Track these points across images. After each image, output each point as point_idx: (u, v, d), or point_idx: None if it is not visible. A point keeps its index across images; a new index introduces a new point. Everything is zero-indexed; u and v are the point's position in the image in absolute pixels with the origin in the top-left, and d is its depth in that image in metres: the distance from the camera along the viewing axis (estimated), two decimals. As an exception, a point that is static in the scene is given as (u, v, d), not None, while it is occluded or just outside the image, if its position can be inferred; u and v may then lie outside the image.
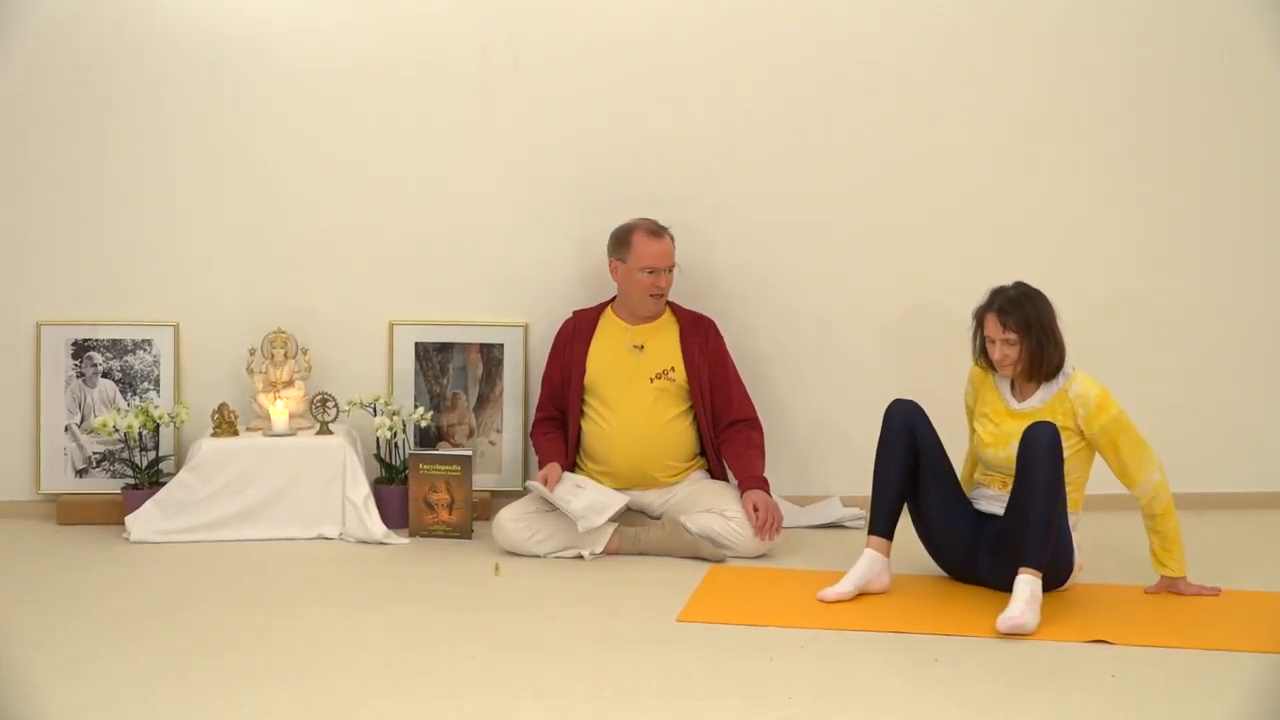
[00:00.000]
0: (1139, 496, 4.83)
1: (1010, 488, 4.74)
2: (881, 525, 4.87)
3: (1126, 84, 6.12)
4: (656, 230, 5.60)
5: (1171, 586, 4.83)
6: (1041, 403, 4.84)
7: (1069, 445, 4.73)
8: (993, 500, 4.91)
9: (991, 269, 5.86)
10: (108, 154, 5.93)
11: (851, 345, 6.14)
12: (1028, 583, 4.49)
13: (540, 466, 5.60)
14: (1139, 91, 6.13)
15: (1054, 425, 4.63)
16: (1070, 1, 6.09)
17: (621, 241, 5.62)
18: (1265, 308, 6.26)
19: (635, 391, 5.56)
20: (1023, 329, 4.78)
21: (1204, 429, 6.22)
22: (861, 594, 4.79)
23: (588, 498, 5.38)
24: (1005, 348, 4.82)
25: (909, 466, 4.87)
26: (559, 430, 5.68)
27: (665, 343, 5.65)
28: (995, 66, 6.07)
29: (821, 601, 4.74)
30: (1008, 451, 4.78)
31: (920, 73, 6.05)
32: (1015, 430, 4.76)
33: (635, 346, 5.63)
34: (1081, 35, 6.09)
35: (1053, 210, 6.13)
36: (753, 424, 5.70)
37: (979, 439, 4.98)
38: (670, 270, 5.62)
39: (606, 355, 5.64)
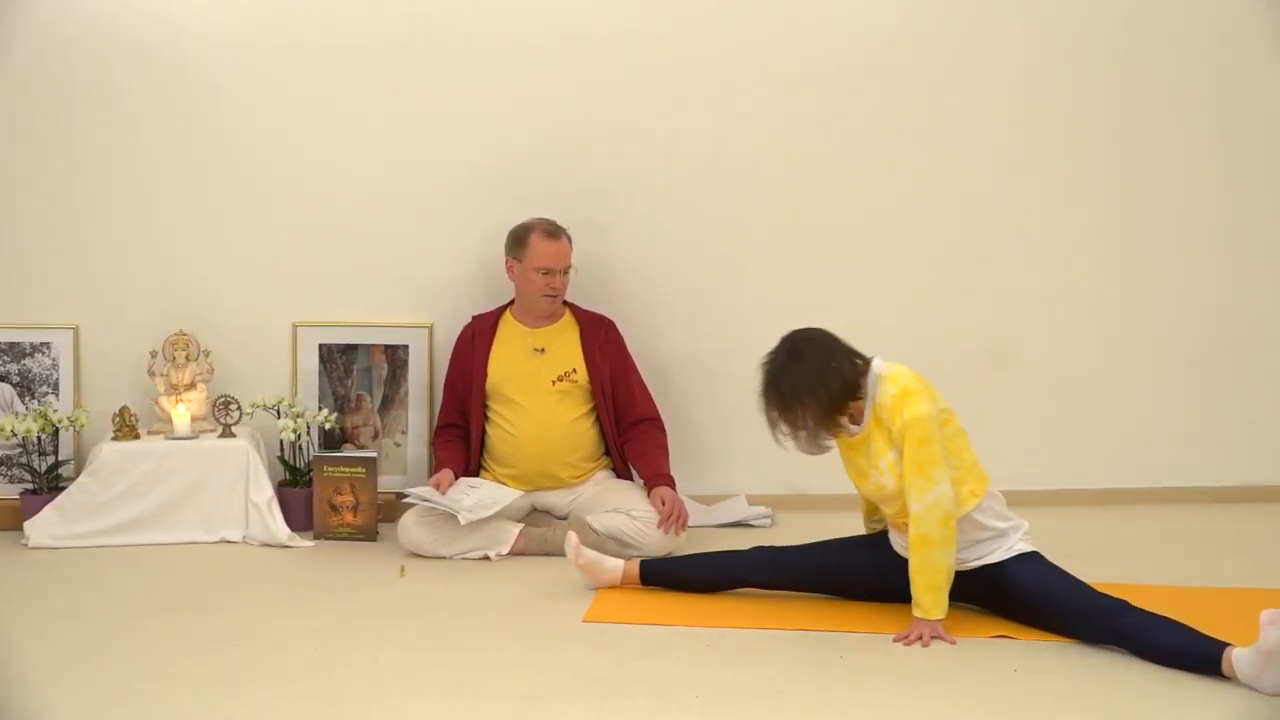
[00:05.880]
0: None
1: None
2: (649, 572, 4.90)
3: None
4: (553, 231, 5.61)
5: (916, 627, 4.36)
6: (868, 419, 4.43)
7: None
8: (906, 546, 4.50)
9: (898, 269, 6.07)
10: (2, 155, 5.85)
11: (756, 345, 6.15)
12: None
13: (433, 474, 5.61)
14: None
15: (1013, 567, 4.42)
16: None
17: (518, 241, 5.62)
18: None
19: (538, 394, 5.57)
20: (772, 419, 4.42)
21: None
22: (588, 567, 4.89)
23: (478, 495, 5.39)
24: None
25: (714, 578, 4.86)
26: (459, 439, 5.67)
27: (566, 345, 5.66)
28: (907, 68, 6.13)
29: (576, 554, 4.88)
30: (870, 484, 4.47)
31: (830, 72, 6.08)
32: (864, 463, 4.45)
33: (536, 349, 5.64)
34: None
35: (969, 212, 6.20)
36: (655, 423, 5.72)
37: (852, 480, 4.61)
38: (566, 272, 5.62)
39: (507, 359, 5.64)
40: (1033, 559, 4.45)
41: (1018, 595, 4.41)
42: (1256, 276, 6.29)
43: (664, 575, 4.90)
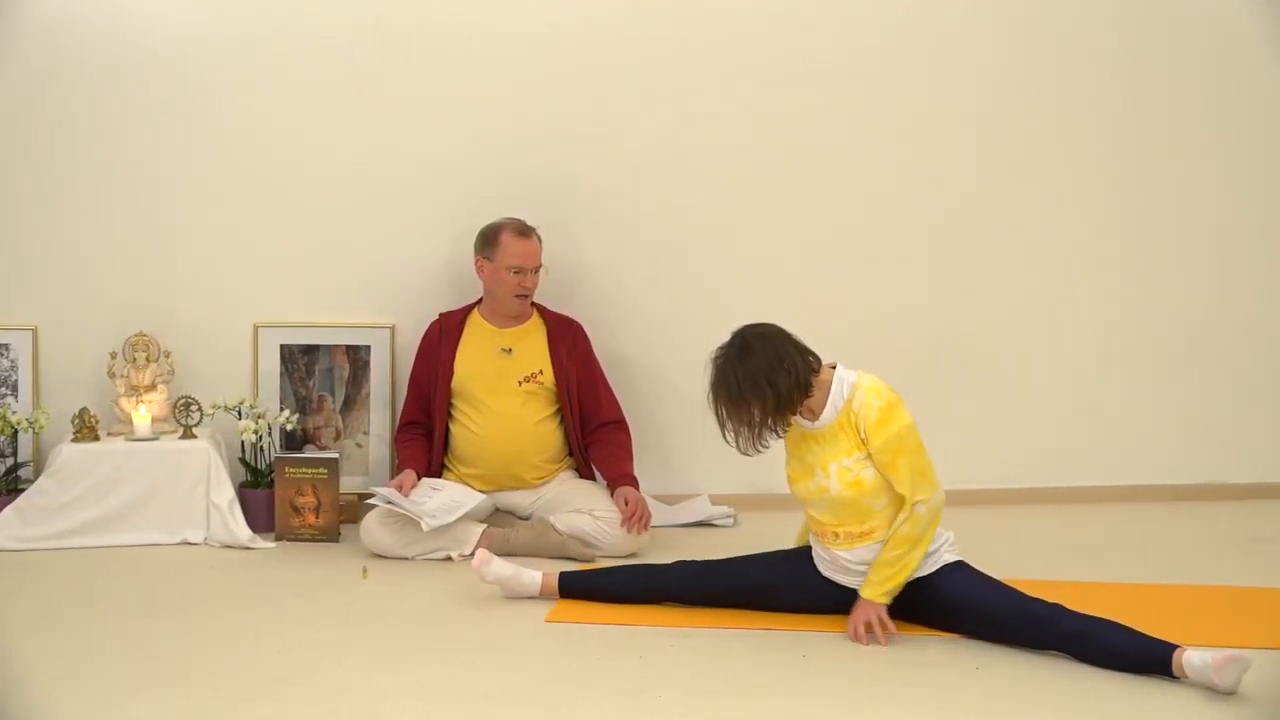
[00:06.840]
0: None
1: (842, 539, 4.41)
2: (569, 584, 4.79)
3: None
4: (524, 230, 5.61)
5: (863, 609, 4.37)
6: (830, 419, 4.35)
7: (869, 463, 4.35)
8: (833, 566, 4.50)
9: (872, 271, 6.16)
10: (-39, 155, 5.83)
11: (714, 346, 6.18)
12: None
13: (396, 474, 5.60)
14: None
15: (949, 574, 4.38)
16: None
17: (489, 240, 5.62)
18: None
19: (503, 394, 5.57)
20: (719, 415, 4.35)
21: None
22: (502, 581, 4.78)
23: (441, 498, 5.38)
24: None
25: (635, 593, 4.74)
26: (422, 438, 5.67)
27: (533, 346, 5.66)
28: (888, 67, 6.16)
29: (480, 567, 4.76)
30: (811, 483, 4.40)
31: (805, 73, 6.11)
32: (815, 456, 4.39)
33: (503, 349, 5.64)
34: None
35: (944, 214, 6.24)
36: (620, 426, 5.73)
37: (789, 477, 4.52)
38: (537, 271, 5.63)
39: (474, 359, 5.64)
40: (960, 568, 4.43)
41: (949, 606, 4.38)
42: (1226, 277, 6.37)
43: (584, 588, 4.80)
